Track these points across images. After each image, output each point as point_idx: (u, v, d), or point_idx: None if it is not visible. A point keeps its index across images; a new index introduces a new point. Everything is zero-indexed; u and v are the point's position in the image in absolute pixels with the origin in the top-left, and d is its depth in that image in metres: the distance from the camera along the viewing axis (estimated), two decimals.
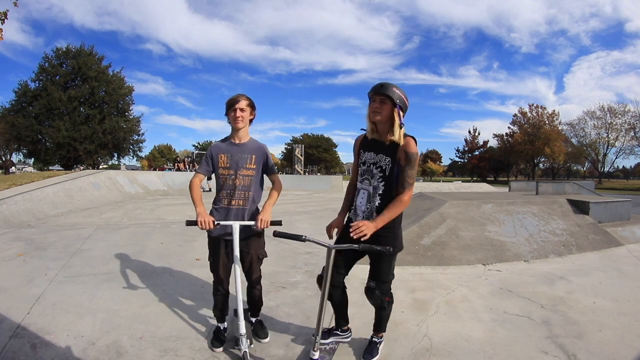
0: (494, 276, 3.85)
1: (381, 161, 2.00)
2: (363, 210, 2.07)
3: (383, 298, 2.12)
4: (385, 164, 1.99)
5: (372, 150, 2.05)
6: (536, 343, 2.40)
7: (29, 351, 2.19)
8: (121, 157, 35.03)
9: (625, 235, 5.41)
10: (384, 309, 2.18)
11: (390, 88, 1.90)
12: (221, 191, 2.32)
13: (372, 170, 2.03)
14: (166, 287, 3.39)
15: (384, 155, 1.99)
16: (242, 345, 2.08)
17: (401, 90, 1.93)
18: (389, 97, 1.90)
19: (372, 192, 2.03)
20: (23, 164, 55.52)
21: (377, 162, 2.02)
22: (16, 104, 29.35)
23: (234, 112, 2.23)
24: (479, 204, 5.40)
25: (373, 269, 2.12)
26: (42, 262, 4.11)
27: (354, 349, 2.30)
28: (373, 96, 1.95)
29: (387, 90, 1.90)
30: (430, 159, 78.15)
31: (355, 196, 2.14)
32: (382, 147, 2.01)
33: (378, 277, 2.09)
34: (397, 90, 1.91)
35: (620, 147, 50.74)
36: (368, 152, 2.07)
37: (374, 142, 2.04)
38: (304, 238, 1.87)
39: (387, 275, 2.10)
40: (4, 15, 7.12)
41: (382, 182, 2.00)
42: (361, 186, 2.10)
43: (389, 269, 2.10)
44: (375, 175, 2.02)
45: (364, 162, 2.09)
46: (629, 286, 3.56)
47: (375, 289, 2.09)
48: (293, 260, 4.42)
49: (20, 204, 7.56)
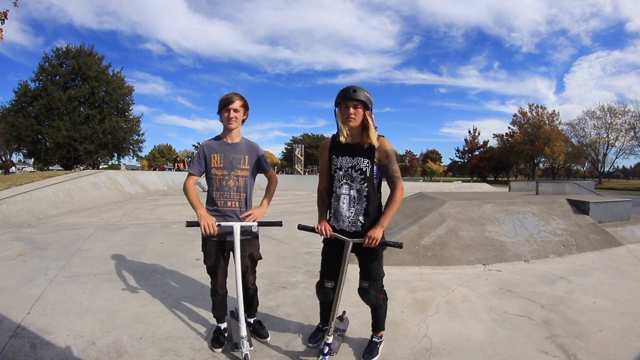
0: (494, 276, 3.85)
1: (360, 164, 2.02)
2: (347, 215, 2.07)
3: (378, 296, 2.16)
4: (364, 165, 2.01)
5: (347, 155, 2.05)
6: (536, 343, 2.40)
7: (29, 351, 2.19)
8: (121, 157, 34.98)
9: (625, 235, 5.41)
10: (379, 307, 2.21)
11: (362, 92, 1.93)
12: (215, 192, 2.27)
13: (352, 174, 2.04)
14: (166, 287, 3.39)
15: (361, 157, 2.02)
16: (243, 347, 2.07)
17: (369, 92, 1.98)
18: (362, 101, 1.93)
19: (357, 196, 2.05)
20: (23, 164, 55.54)
21: (356, 165, 2.03)
22: (16, 104, 29.30)
23: (228, 113, 2.20)
24: (479, 204, 5.40)
25: (364, 269, 2.14)
26: (42, 262, 4.11)
27: (354, 348, 2.30)
28: (345, 102, 1.95)
29: (359, 95, 1.92)
30: (430, 159, 78.15)
31: (334, 202, 2.13)
32: (357, 150, 2.02)
33: (370, 276, 2.12)
34: (367, 93, 1.96)
35: (620, 147, 50.86)
36: (342, 157, 2.06)
37: (348, 146, 2.05)
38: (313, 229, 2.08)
39: (378, 274, 2.14)
40: (4, 15, 7.12)
41: (365, 184, 2.03)
42: (340, 192, 2.08)
43: (380, 267, 2.15)
44: (356, 178, 2.03)
45: (340, 168, 2.07)
46: (629, 286, 3.56)
47: (369, 288, 2.12)
48: (293, 260, 4.42)
49: (20, 204, 7.56)
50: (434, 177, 69.69)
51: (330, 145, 2.13)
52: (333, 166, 2.11)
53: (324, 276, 2.19)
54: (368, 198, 2.04)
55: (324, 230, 2.05)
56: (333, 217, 2.14)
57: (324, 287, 2.18)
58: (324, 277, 2.20)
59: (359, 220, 2.05)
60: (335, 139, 2.09)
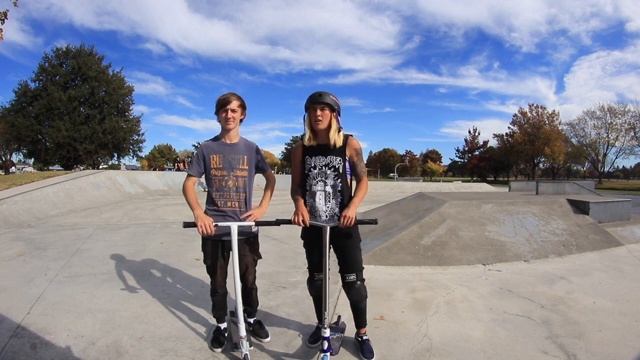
0: (494, 276, 3.85)
1: (333, 161, 2.16)
2: (324, 210, 2.18)
3: (364, 287, 2.22)
4: (337, 162, 2.16)
5: (320, 154, 2.19)
6: (536, 343, 2.39)
7: (29, 351, 2.19)
8: (121, 157, 34.98)
9: (625, 235, 5.41)
10: (364, 299, 2.26)
11: (328, 96, 2.09)
12: (215, 193, 2.28)
13: (326, 172, 2.17)
14: (166, 287, 3.39)
15: (333, 156, 2.16)
16: (243, 347, 2.07)
17: (336, 97, 2.14)
18: (329, 104, 2.08)
19: (332, 191, 2.17)
20: (23, 164, 55.52)
21: (329, 163, 2.17)
22: (16, 104, 29.30)
23: (225, 113, 2.20)
24: (479, 204, 5.40)
25: (346, 260, 2.20)
26: (42, 262, 4.11)
27: (354, 350, 2.30)
28: (312, 105, 2.10)
29: (325, 98, 2.08)
30: (430, 159, 78.22)
31: (309, 199, 2.21)
32: (328, 149, 2.17)
33: (355, 267, 2.19)
34: (334, 97, 2.12)
35: (620, 147, 50.91)
36: (316, 157, 2.19)
37: (318, 147, 2.19)
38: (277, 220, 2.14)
39: (360, 264, 2.23)
40: (4, 15, 7.12)
41: (338, 180, 2.16)
42: (316, 189, 2.19)
43: (360, 255, 2.23)
44: (329, 175, 2.17)
45: (314, 166, 2.19)
46: (629, 286, 3.56)
47: (356, 280, 2.18)
48: (293, 260, 4.42)
49: (20, 204, 7.56)
50: (434, 177, 69.76)
51: (303, 147, 2.24)
52: (307, 165, 2.22)
53: (313, 269, 2.27)
54: (342, 192, 2.17)
55: (301, 218, 2.10)
56: (310, 213, 2.20)
57: (314, 280, 2.25)
58: (312, 270, 2.27)
59: (335, 214, 2.16)
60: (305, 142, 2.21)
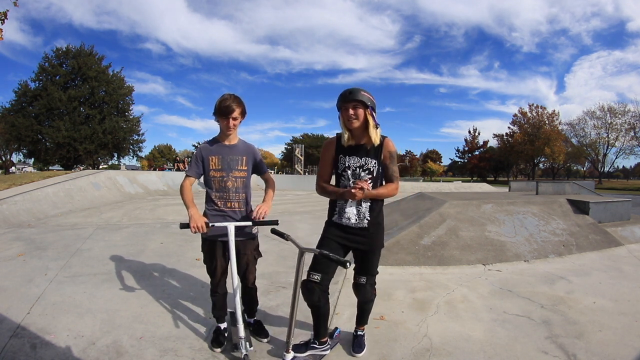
0: (494, 276, 3.85)
1: (368, 164, 2.07)
2: (354, 212, 2.09)
3: (372, 291, 2.25)
4: (372, 165, 2.07)
5: (355, 155, 2.09)
6: (536, 343, 2.40)
7: (29, 351, 2.19)
8: (121, 157, 34.98)
9: (625, 235, 5.41)
10: (371, 302, 2.30)
11: (359, 92, 1.98)
12: (214, 193, 2.29)
13: (360, 174, 2.08)
14: (166, 287, 3.39)
15: (368, 157, 2.07)
16: (242, 348, 2.07)
17: (368, 92, 2.01)
18: (361, 101, 1.97)
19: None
20: (23, 164, 55.46)
21: (364, 165, 2.08)
22: (16, 104, 29.29)
23: (227, 122, 2.20)
24: (479, 204, 5.40)
25: (363, 264, 2.19)
26: (42, 262, 4.11)
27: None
28: (344, 104, 2.00)
29: (357, 95, 1.97)
30: (430, 159, 78.16)
31: (340, 200, 2.11)
32: (364, 150, 2.07)
33: (369, 271, 2.19)
34: (366, 93, 1.99)
35: (620, 147, 50.89)
36: (350, 157, 2.09)
37: (355, 147, 2.10)
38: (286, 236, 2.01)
39: (375, 269, 2.23)
40: (4, 15, 7.13)
41: (371, 184, 2.06)
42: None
43: (377, 262, 2.23)
44: (363, 178, 2.07)
45: (348, 167, 2.09)
46: (629, 286, 3.56)
47: (366, 284, 2.19)
48: (293, 260, 4.40)
49: (20, 204, 7.56)
50: (434, 177, 69.71)
51: (336, 144, 2.15)
52: (341, 165, 2.12)
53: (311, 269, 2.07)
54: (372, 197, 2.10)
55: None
56: (338, 214, 2.15)
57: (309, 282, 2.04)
58: (310, 269, 2.07)
59: (365, 218, 2.09)
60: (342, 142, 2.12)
